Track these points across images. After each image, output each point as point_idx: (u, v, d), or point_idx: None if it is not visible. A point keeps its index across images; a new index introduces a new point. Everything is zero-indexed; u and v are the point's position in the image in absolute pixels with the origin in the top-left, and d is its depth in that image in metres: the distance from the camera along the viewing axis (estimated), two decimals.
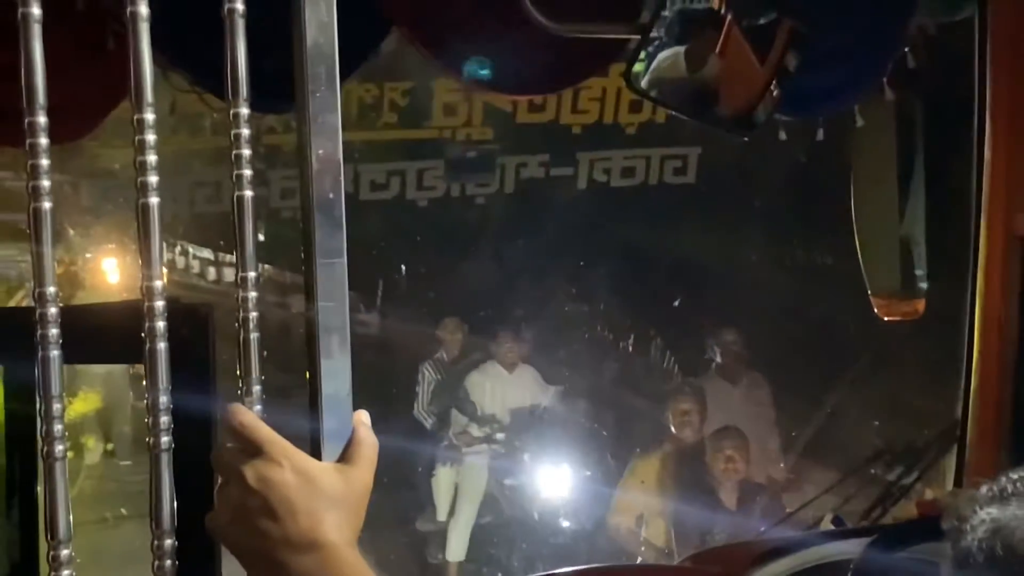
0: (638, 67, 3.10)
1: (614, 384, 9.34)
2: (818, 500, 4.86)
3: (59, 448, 1.11)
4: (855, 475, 5.05)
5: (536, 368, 8.58)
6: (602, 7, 3.22)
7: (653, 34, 3.04)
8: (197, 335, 2.11)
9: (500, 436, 8.36)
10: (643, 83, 3.12)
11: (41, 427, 1.11)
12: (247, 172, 1.16)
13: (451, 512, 8.39)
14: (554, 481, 8.00)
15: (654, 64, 3.04)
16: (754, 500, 6.21)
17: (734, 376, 7.56)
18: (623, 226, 9.72)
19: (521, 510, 8.14)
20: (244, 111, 1.16)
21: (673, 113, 3.38)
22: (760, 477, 6.82)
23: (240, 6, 1.15)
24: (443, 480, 8.43)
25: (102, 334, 2.05)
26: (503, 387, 8.43)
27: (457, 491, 8.42)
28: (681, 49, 3.03)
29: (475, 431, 8.38)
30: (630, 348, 9.96)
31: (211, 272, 12.95)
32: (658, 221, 9.65)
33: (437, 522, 8.43)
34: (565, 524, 7.83)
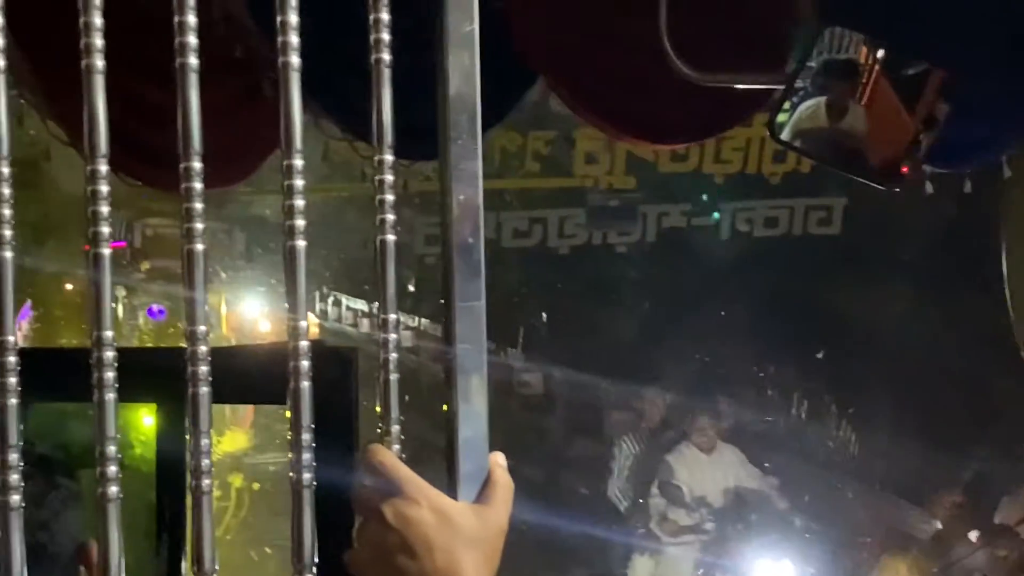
0: (782, 117, 3.09)
1: (812, 460, 8.47)
2: (967, 559, 4.70)
3: (206, 482, 1.14)
4: (1005, 534, 4.88)
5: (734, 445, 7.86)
6: (747, 57, 3.22)
7: (798, 84, 3.03)
8: (341, 377, 2.16)
9: (709, 526, 7.56)
10: (786, 133, 3.11)
11: (190, 461, 1.15)
12: (390, 217, 1.19)
13: None
14: None
15: (796, 114, 3.03)
16: None
17: None
18: (767, 277, 9.60)
19: None
20: (388, 158, 1.19)
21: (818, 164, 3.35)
22: None
23: (387, 56, 1.18)
24: (640, 573, 7.69)
25: (249, 375, 2.11)
26: (704, 471, 7.73)
27: None
28: (823, 99, 3.02)
29: (681, 519, 7.61)
30: (803, 414, 9.44)
31: (364, 324, 13.10)
32: (802, 272, 9.52)
33: None
34: None
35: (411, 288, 10.16)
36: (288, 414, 1.20)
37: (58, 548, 1.57)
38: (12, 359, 1.09)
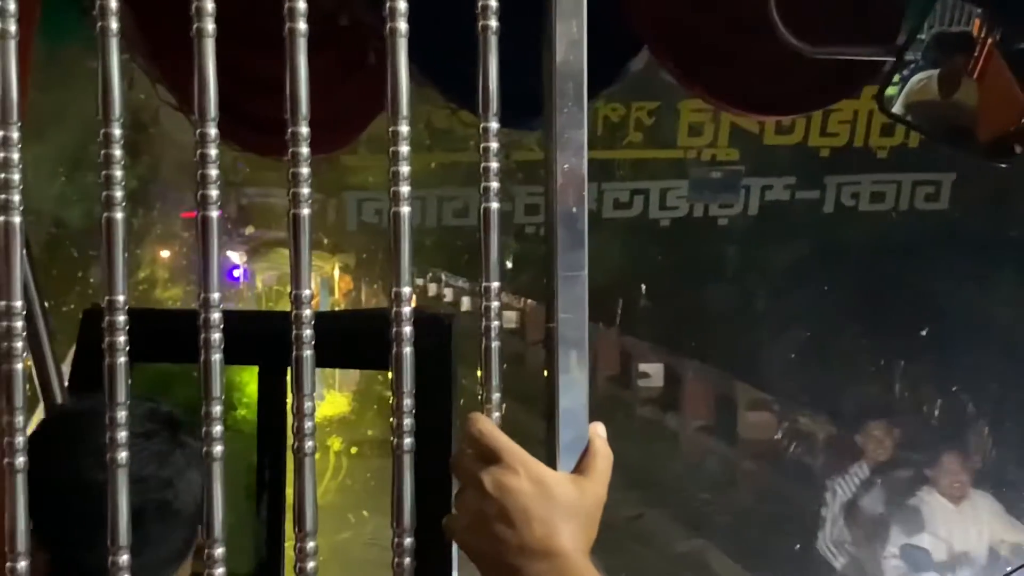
0: (891, 90, 3.04)
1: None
2: None
3: (308, 444, 1.16)
4: None
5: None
6: (856, 28, 3.16)
7: (908, 57, 2.97)
8: (440, 343, 2.17)
9: None
10: (896, 107, 3.06)
11: (292, 423, 1.16)
12: (494, 184, 1.20)
13: None
14: None
15: (907, 87, 2.98)
16: None
17: None
18: (871, 252, 9.46)
19: None
20: (494, 125, 1.19)
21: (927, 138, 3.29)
22: None
23: (494, 23, 1.18)
24: None
25: (351, 339, 2.13)
26: (952, 527, 6.25)
27: None
28: (935, 72, 2.96)
29: None
30: (935, 416, 8.54)
31: (465, 302, 13.16)
32: (908, 248, 9.37)
33: None
34: None
35: (508, 264, 10.16)
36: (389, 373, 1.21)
37: (181, 505, 1.62)
38: (121, 318, 1.11)
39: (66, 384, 2.83)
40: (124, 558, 1.13)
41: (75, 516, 1.16)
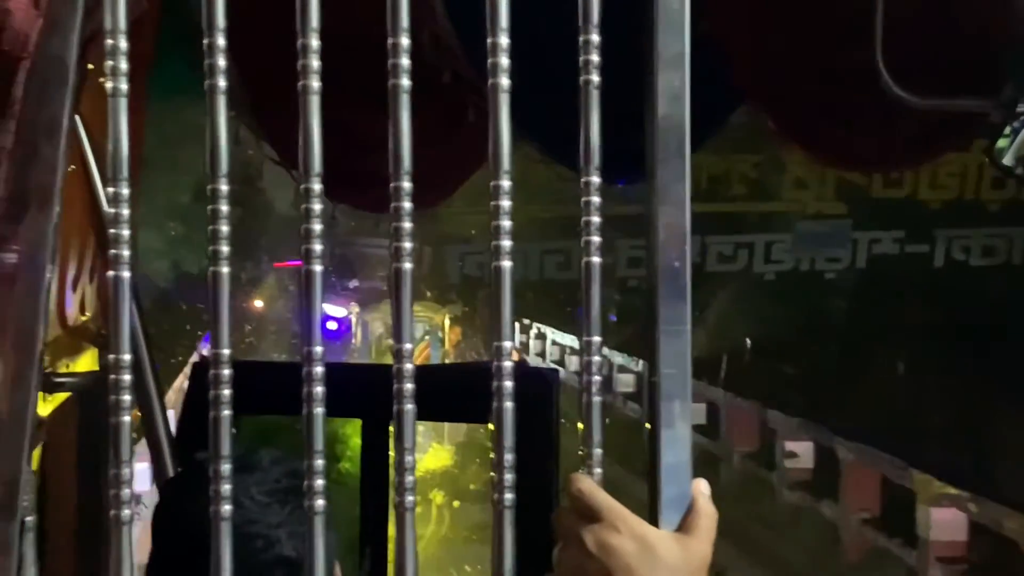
0: (1002, 142, 3.00)
1: None
2: None
3: (410, 498, 1.16)
4: None
5: None
6: (965, 81, 3.13)
7: (1020, 108, 2.93)
8: (542, 398, 2.17)
9: None
10: (1007, 159, 3.02)
11: (394, 477, 1.16)
12: (596, 239, 1.19)
13: None
14: None
15: (1019, 139, 2.93)
16: None
17: None
18: (983, 307, 9.28)
19: None
20: (595, 179, 1.19)
21: None
22: None
23: (596, 78, 1.18)
24: None
25: (454, 393, 2.14)
26: None
27: None
28: None
29: None
30: None
31: (573, 362, 13.03)
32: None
33: None
34: None
35: (612, 317, 10.13)
36: (490, 427, 1.20)
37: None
38: (227, 371, 1.12)
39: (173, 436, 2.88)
40: None
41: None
